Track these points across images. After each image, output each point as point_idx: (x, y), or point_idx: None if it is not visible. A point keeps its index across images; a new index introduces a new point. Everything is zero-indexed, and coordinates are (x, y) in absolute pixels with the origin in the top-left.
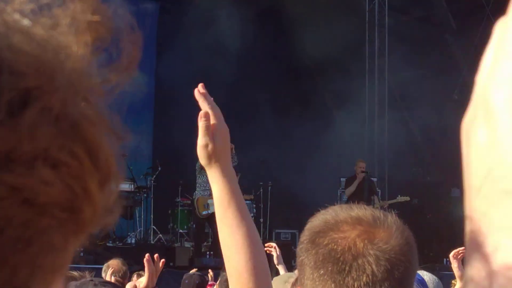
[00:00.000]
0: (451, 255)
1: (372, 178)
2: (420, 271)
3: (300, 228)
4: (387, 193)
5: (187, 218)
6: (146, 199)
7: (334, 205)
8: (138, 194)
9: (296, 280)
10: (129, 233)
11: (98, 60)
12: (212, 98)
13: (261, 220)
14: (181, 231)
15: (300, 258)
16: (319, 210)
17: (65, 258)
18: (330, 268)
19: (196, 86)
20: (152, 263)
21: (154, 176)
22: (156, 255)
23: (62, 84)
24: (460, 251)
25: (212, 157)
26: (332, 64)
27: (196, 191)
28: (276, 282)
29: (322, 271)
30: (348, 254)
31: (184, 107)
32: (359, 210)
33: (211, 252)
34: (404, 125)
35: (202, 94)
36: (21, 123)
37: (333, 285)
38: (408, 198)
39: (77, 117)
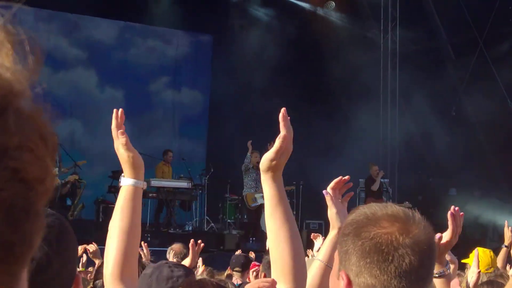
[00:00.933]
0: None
1: (384, 180)
2: None
3: (326, 219)
4: (396, 193)
5: (234, 210)
6: (201, 195)
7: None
8: (194, 191)
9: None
10: (187, 222)
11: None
12: (288, 121)
13: (294, 212)
14: (229, 221)
15: (345, 248)
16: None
17: (43, 222)
18: (375, 258)
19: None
20: (195, 247)
21: (208, 176)
22: (199, 241)
23: (17, 90)
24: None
25: (272, 169)
26: (353, 84)
27: (244, 189)
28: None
29: (368, 260)
30: (391, 246)
31: (232, 119)
32: (392, 208)
33: (254, 238)
34: (411, 136)
35: (284, 117)
36: (8, 122)
37: (378, 271)
38: (411, 206)
39: (31, 112)
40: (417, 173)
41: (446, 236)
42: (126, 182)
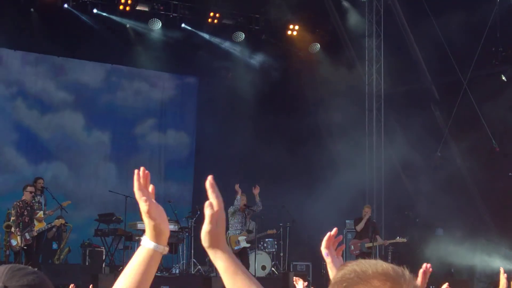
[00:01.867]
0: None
1: (374, 220)
2: None
3: (313, 261)
4: (383, 233)
5: None
6: (187, 237)
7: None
8: (181, 233)
9: None
10: (174, 265)
11: None
12: (217, 189)
13: (281, 254)
14: None
15: None
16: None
17: None
18: None
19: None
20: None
21: (194, 218)
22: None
23: None
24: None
25: (214, 240)
26: (337, 126)
27: (229, 231)
28: None
29: None
30: None
31: (218, 161)
32: (383, 265)
33: None
34: (398, 178)
35: (211, 185)
36: None
37: None
38: (405, 240)
39: None
40: (403, 213)
41: None
42: (147, 244)
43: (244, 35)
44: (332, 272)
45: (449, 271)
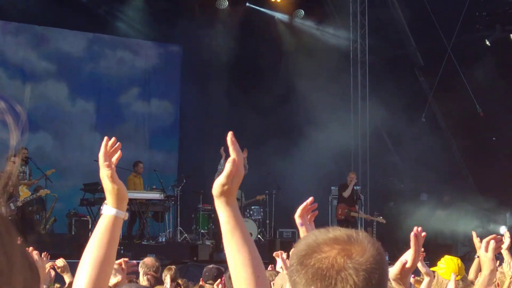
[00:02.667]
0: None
1: (356, 187)
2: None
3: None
4: (369, 199)
5: (207, 220)
6: (174, 206)
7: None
8: (167, 202)
9: None
10: (160, 233)
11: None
12: (237, 145)
13: (267, 221)
14: (202, 231)
15: (292, 278)
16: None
17: None
18: (319, 284)
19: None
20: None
21: (180, 187)
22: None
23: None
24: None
25: (224, 194)
26: (322, 92)
27: None
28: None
29: (313, 287)
30: (332, 270)
31: (203, 129)
32: (335, 232)
33: None
34: (382, 143)
35: (233, 142)
36: None
37: None
38: (384, 221)
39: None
40: (388, 179)
41: (408, 257)
42: (108, 211)
43: (227, 3)
44: None
45: (433, 236)
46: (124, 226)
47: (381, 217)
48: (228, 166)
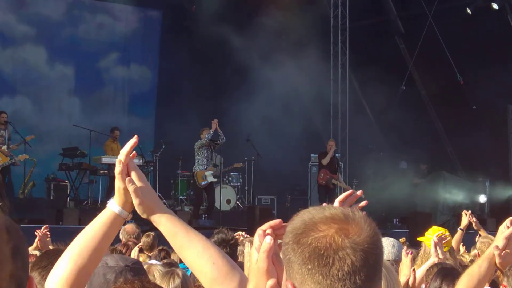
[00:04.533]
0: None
1: (336, 154)
2: (386, 238)
3: (278, 195)
4: (348, 167)
5: (186, 186)
6: (152, 172)
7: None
8: (146, 167)
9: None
10: None
11: None
12: (135, 163)
13: (246, 188)
14: (181, 197)
15: (288, 257)
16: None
17: None
18: (316, 263)
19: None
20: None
21: (159, 153)
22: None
23: None
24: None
25: (148, 209)
26: (302, 58)
27: (195, 166)
28: None
29: (310, 266)
30: (330, 249)
31: (181, 97)
32: (331, 210)
33: (206, 215)
34: (362, 111)
35: (124, 164)
36: None
37: (320, 276)
38: (363, 196)
39: None
40: (367, 147)
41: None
42: (112, 207)
43: None
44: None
45: (412, 204)
46: (103, 192)
47: (360, 191)
48: (129, 187)
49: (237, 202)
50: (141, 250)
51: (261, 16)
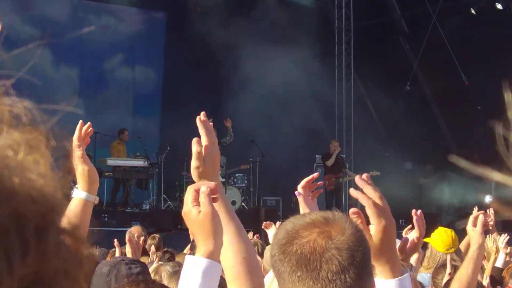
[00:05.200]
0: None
1: (341, 155)
2: None
3: (283, 196)
4: (353, 168)
5: None
6: (157, 173)
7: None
8: (151, 169)
9: None
10: (144, 201)
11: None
12: (211, 124)
13: (251, 189)
14: None
15: (277, 268)
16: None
17: None
18: (305, 269)
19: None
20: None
21: (164, 154)
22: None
23: (57, 206)
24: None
25: (202, 177)
26: (307, 59)
27: None
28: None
29: (299, 273)
30: (315, 253)
31: (186, 98)
32: (311, 215)
33: None
34: (367, 111)
35: (202, 122)
36: (49, 246)
37: (311, 282)
38: (379, 173)
39: (69, 232)
40: (372, 148)
41: (412, 237)
42: (78, 194)
43: None
44: (303, 210)
45: (417, 205)
46: (108, 194)
47: (373, 171)
48: (194, 148)
49: (243, 204)
50: (145, 252)
51: (266, 18)
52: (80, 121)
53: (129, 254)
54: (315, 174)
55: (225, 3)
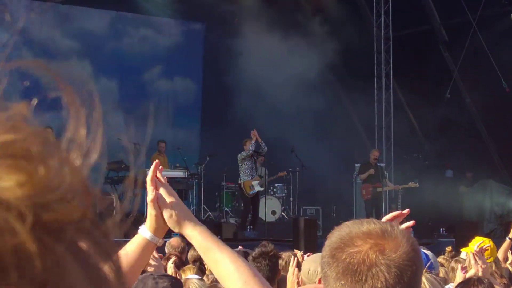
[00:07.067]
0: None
1: (380, 164)
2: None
3: (323, 205)
4: (393, 177)
5: (231, 198)
6: (197, 184)
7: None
8: (190, 180)
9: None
10: None
11: None
12: (164, 180)
13: (291, 199)
14: (226, 209)
15: (324, 271)
16: (339, 194)
17: None
18: (349, 279)
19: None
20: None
21: (204, 165)
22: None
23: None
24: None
25: (180, 223)
26: (346, 68)
27: (240, 177)
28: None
29: (343, 282)
30: (363, 265)
31: (225, 108)
32: (369, 225)
33: (251, 227)
34: (407, 120)
35: (153, 182)
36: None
37: None
38: (417, 185)
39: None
40: (412, 156)
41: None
42: (144, 232)
43: None
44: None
45: (459, 213)
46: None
47: (411, 182)
48: (156, 205)
49: (282, 213)
50: (183, 264)
51: (305, 26)
52: (155, 162)
53: (150, 269)
54: (406, 211)
55: (262, 14)
